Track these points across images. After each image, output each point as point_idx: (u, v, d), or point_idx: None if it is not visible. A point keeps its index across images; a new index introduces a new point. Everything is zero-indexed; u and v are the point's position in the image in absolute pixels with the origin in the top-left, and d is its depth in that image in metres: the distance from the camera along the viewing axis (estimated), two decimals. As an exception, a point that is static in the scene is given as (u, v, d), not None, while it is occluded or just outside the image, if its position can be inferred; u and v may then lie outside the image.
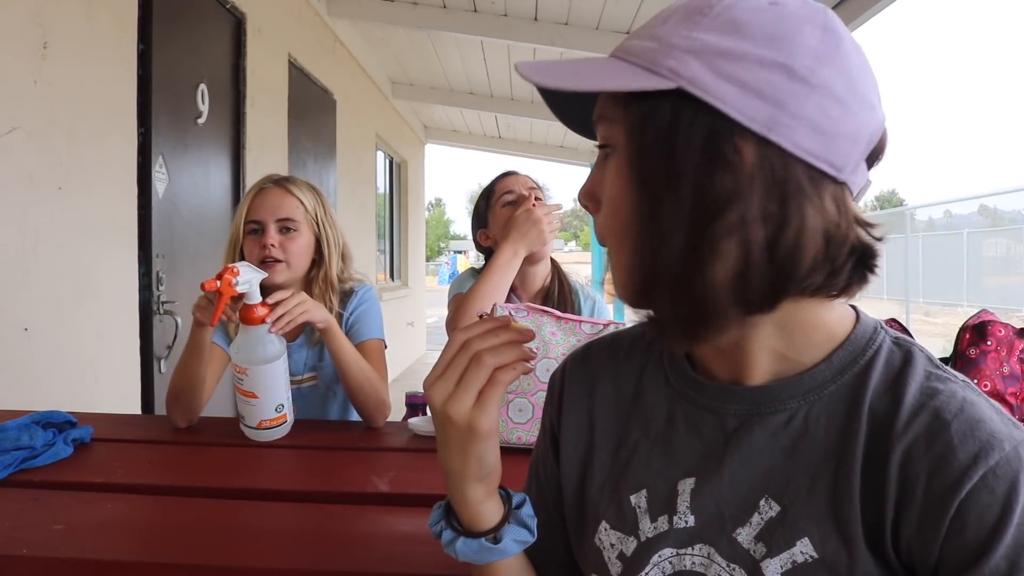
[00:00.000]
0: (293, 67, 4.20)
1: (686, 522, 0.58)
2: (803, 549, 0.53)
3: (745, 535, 0.55)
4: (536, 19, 4.80)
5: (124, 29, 2.49)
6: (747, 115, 0.49)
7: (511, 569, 0.66)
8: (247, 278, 1.36)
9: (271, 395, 1.37)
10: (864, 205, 0.57)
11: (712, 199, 0.50)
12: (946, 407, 0.51)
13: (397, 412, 1.53)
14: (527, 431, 1.27)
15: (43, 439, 1.22)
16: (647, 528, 0.60)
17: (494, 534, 0.63)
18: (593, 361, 0.71)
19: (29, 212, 2.04)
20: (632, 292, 0.56)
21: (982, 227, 11.57)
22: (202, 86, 3.04)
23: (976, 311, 1.26)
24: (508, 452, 1.25)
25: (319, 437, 1.43)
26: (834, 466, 0.53)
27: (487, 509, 0.63)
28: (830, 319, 0.57)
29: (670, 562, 0.58)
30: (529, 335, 0.60)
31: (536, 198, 1.68)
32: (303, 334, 1.60)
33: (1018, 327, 1.20)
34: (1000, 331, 1.19)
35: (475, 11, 4.80)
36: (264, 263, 1.51)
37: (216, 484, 1.14)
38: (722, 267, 0.51)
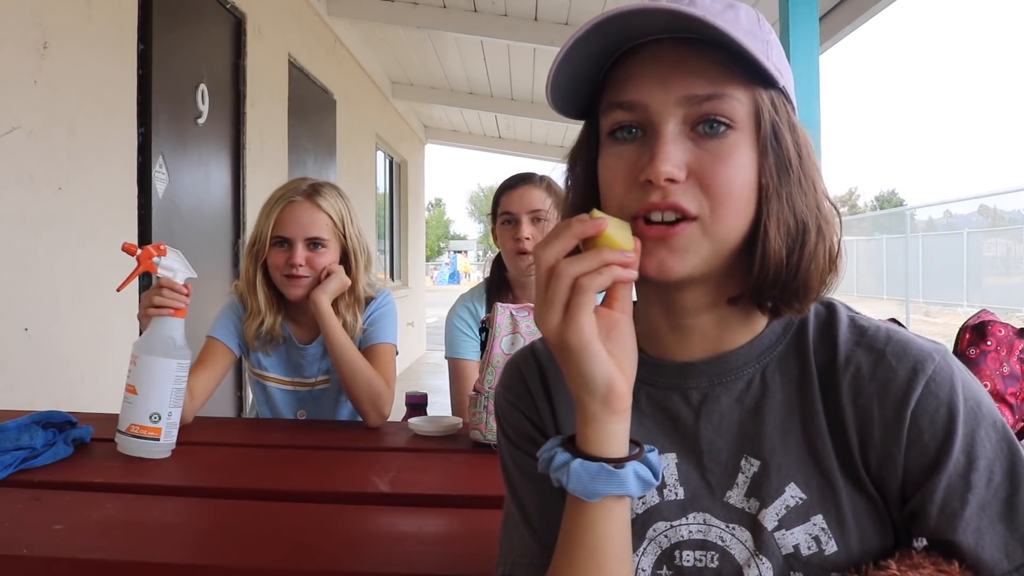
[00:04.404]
0: (293, 67, 4.20)
1: (676, 494, 0.60)
2: (792, 493, 0.57)
3: (736, 496, 0.59)
4: (536, 19, 4.80)
5: (124, 29, 2.49)
6: None
7: (621, 525, 0.55)
8: (172, 266, 1.28)
9: (151, 395, 1.23)
10: (864, 205, 0.58)
11: None
12: (875, 340, 0.58)
13: (397, 412, 1.53)
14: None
15: (43, 439, 1.22)
16: (635, 504, 0.61)
17: (617, 461, 0.54)
18: (544, 361, 0.69)
19: (29, 212, 2.04)
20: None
21: (982, 227, 11.58)
22: (202, 86, 3.04)
23: (976, 311, 1.26)
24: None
25: (319, 437, 1.43)
26: (799, 413, 0.58)
27: (614, 432, 0.54)
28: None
29: (665, 536, 0.60)
30: (602, 231, 0.52)
31: (536, 219, 1.60)
32: (318, 338, 1.59)
33: (1018, 327, 1.20)
34: (1000, 331, 1.19)
35: (475, 11, 4.80)
36: (289, 277, 1.51)
37: (216, 484, 1.14)
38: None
